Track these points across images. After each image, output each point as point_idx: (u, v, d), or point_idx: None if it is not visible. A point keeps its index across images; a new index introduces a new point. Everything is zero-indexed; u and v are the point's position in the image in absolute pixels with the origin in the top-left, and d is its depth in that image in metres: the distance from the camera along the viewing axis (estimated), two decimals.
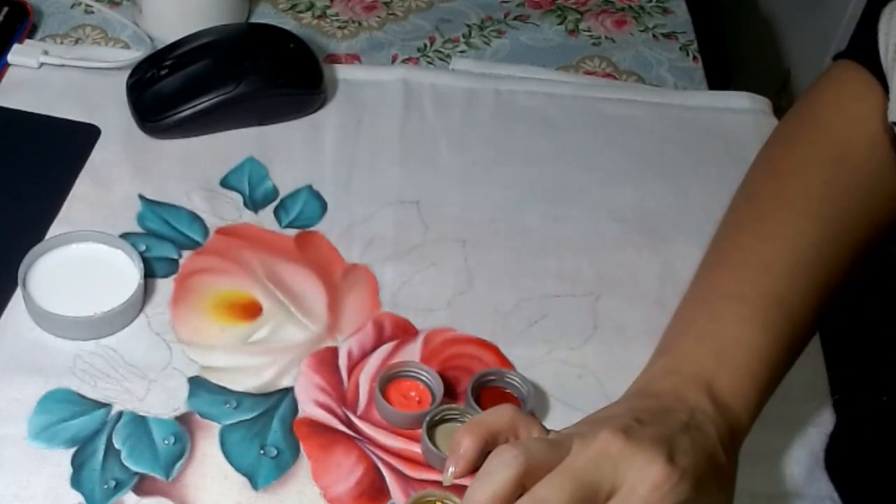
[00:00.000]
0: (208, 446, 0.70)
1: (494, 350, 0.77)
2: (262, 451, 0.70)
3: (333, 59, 0.97)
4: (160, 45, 0.93)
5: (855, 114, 0.71)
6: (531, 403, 0.71)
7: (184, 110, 0.87)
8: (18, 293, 0.76)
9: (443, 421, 0.70)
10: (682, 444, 0.56)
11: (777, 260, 0.67)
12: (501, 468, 0.55)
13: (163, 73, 0.88)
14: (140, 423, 0.71)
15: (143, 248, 0.80)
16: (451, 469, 0.57)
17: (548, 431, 0.62)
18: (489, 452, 0.58)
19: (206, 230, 0.82)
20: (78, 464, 0.69)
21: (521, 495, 0.55)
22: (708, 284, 0.68)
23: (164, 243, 0.81)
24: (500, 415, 0.59)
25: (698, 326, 0.65)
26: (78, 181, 0.85)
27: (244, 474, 0.69)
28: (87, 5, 0.99)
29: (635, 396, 0.62)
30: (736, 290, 0.66)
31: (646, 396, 0.62)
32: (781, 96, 1.21)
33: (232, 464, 0.70)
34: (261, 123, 0.90)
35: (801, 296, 0.65)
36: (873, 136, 0.69)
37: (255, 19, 1.00)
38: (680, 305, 0.68)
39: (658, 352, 0.65)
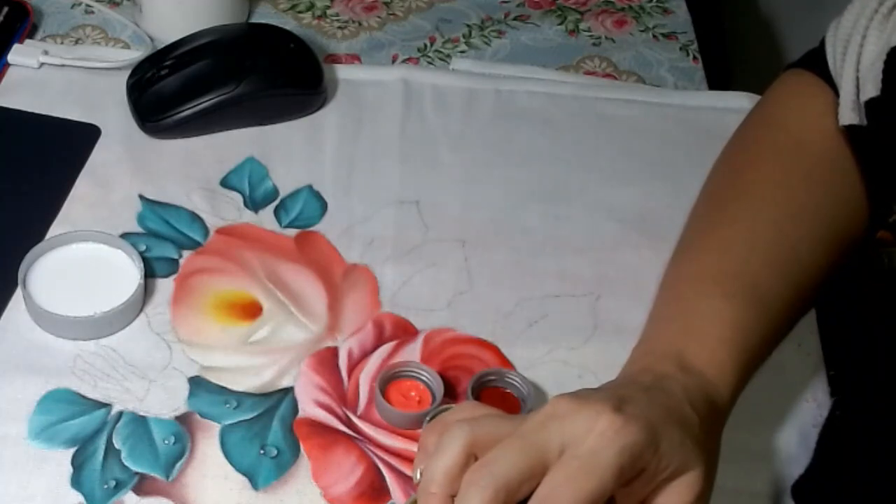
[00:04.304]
0: (208, 446, 0.70)
1: (494, 350, 0.77)
2: (262, 451, 0.70)
3: (333, 59, 0.97)
4: (160, 45, 0.93)
5: (809, 111, 0.73)
6: (531, 403, 0.72)
7: (184, 110, 0.87)
8: (18, 293, 0.76)
9: None
10: (636, 399, 0.56)
11: (735, 240, 0.68)
12: (450, 442, 0.55)
13: (163, 73, 0.88)
14: (140, 423, 0.71)
15: (143, 248, 0.80)
16: (419, 469, 0.57)
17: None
18: None
19: (206, 230, 0.82)
20: (78, 464, 0.69)
21: None
22: (672, 274, 0.69)
23: (164, 243, 0.81)
24: (460, 410, 0.60)
25: (666, 310, 0.67)
26: (78, 181, 0.85)
27: (244, 474, 0.69)
28: (87, 5, 0.99)
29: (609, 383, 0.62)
30: (697, 271, 0.67)
31: (617, 380, 0.62)
32: None
33: (232, 464, 0.70)
34: (261, 123, 0.90)
35: (764, 267, 0.66)
36: (828, 130, 0.71)
37: (255, 19, 1.00)
38: (653, 301, 0.69)
39: (634, 346, 0.65)
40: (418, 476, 0.57)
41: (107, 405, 0.72)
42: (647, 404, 0.56)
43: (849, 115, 0.68)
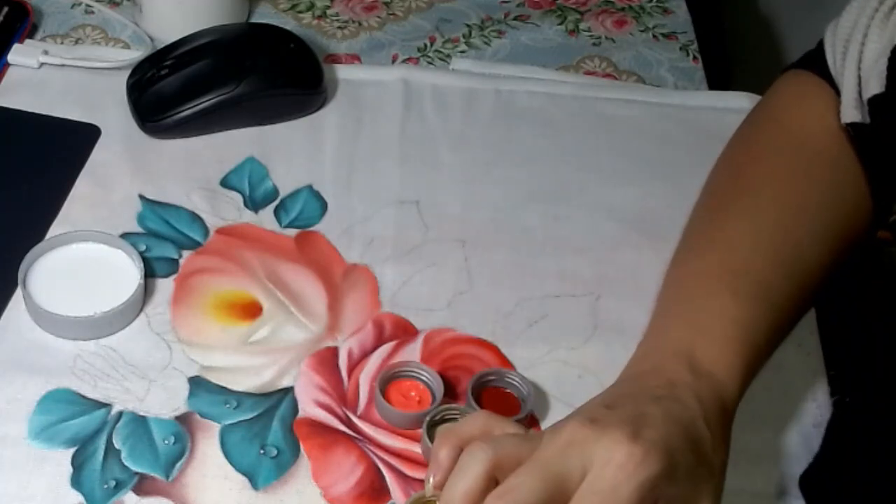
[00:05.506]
0: (208, 446, 0.70)
1: (494, 350, 0.77)
2: (262, 451, 0.70)
3: (333, 59, 0.97)
4: (160, 45, 0.93)
5: (811, 109, 0.73)
6: (531, 403, 0.72)
7: (184, 110, 0.87)
8: (18, 293, 0.76)
9: (443, 421, 0.70)
10: (651, 418, 0.57)
11: (738, 238, 0.68)
12: (472, 464, 0.55)
13: (163, 73, 0.88)
14: (140, 423, 0.71)
15: (143, 248, 0.80)
16: (430, 480, 0.58)
17: (525, 431, 0.62)
18: None
19: (206, 230, 0.82)
20: (78, 464, 0.69)
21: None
22: (677, 271, 0.69)
23: (164, 243, 0.81)
24: (473, 421, 0.60)
25: (671, 307, 0.67)
26: (78, 181, 0.85)
27: (244, 474, 0.69)
28: (87, 5, 0.99)
29: (617, 384, 0.62)
30: (702, 268, 0.67)
31: (625, 381, 0.62)
32: None
33: (232, 464, 0.70)
34: (261, 123, 0.90)
35: (768, 265, 0.67)
36: (830, 128, 0.71)
37: (255, 19, 1.00)
38: (656, 298, 0.69)
39: (639, 343, 0.65)
40: (430, 485, 0.57)
41: (107, 405, 0.72)
42: (664, 423, 0.57)
43: (851, 112, 0.68)
